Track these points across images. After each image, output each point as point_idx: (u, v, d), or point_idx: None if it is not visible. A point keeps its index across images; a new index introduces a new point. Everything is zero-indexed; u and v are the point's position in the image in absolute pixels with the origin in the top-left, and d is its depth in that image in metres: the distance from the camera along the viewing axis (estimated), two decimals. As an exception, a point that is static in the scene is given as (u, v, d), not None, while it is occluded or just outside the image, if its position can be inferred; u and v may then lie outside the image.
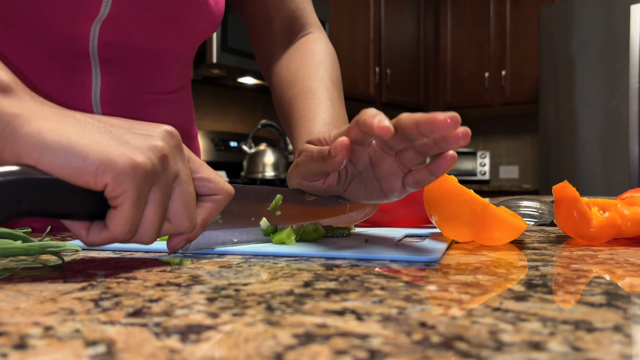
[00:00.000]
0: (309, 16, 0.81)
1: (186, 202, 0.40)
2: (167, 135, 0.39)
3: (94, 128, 0.36)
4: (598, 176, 2.97)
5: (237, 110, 3.24)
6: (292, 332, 0.23)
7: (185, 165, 0.40)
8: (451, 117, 0.40)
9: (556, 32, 3.09)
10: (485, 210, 0.48)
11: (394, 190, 0.50)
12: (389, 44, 3.76)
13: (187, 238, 0.42)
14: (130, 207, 0.36)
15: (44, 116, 0.36)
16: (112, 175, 0.34)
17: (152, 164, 0.36)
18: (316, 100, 0.67)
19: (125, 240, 0.38)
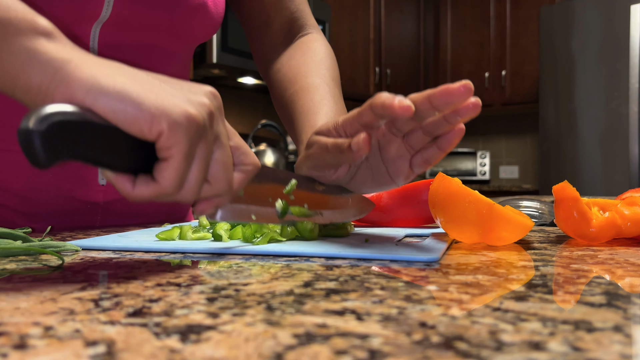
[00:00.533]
0: (307, 17, 0.82)
1: (226, 163, 0.39)
2: (212, 95, 0.39)
3: (147, 79, 0.36)
4: (598, 176, 2.97)
5: (237, 110, 3.25)
6: (292, 332, 0.23)
7: (225, 128, 0.40)
8: (464, 84, 0.40)
9: (556, 32, 3.09)
10: (492, 211, 0.48)
11: (401, 173, 0.50)
12: (389, 44, 3.76)
13: (217, 204, 0.41)
14: (183, 159, 0.35)
15: (95, 63, 0.35)
16: (168, 123, 0.34)
17: (203, 119, 0.36)
18: (318, 96, 0.67)
19: (171, 195, 0.37)
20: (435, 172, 4.17)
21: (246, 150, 0.43)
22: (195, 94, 0.38)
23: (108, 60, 0.37)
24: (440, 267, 0.39)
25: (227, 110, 3.18)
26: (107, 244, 0.50)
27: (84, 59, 0.35)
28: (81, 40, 0.65)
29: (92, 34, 0.65)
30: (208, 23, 0.73)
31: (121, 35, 0.67)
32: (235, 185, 0.42)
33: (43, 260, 0.43)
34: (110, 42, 0.66)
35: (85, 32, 0.64)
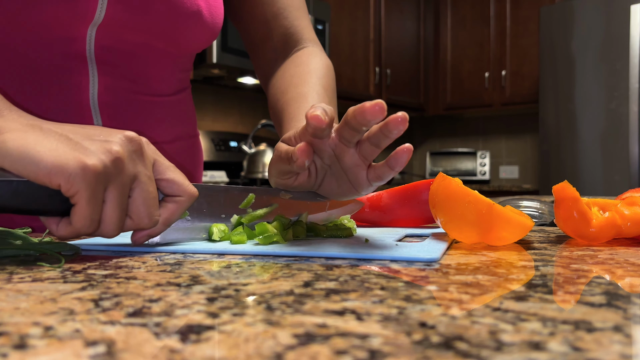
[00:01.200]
0: (304, 32, 0.83)
1: (145, 200, 0.44)
2: (126, 140, 0.44)
3: (54, 136, 0.41)
4: (598, 176, 2.97)
5: (237, 110, 3.25)
6: (292, 332, 0.23)
7: (145, 167, 0.45)
8: (376, 103, 0.44)
9: (556, 32, 3.09)
10: (492, 211, 0.48)
11: (361, 182, 0.52)
12: (389, 44, 3.76)
13: (149, 234, 0.46)
14: (86, 205, 0.41)
15: (13, 128, 0.41)
16: (64, 176, 0.39)
17: (104, 166, 0.41)
18: (305, 104, 0.69)
19: (89, 233, 0.43)
20: (435, 172, 4.17)
21: (179, 183, 0.47)
22: (104, 143, 0.42)
23: (32, 122, 0.43)
24: (440, 267, 0.39)
25: (227, 110, 3.18)
26: (107, 244, 0.50)
27: (8, 126, 0.41)
28: (77, 43, 0.65)
29: (88, 36, 0.65)
30: (203, 31, 0.73)
31: (117, 37, 0.67)
32: (168, 214, 0.47)
33: (43, 260, 0.43)
34: (106, 45, 0.67)
35: (81, 34, 0.65)
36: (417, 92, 4.07)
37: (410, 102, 3.99)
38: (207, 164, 2.85)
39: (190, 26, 0.71)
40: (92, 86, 0.68)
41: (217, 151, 2.93)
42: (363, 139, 0.50)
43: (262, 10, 0.81)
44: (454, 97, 4.04)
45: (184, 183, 0.47)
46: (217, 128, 3.13)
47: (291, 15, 0.82)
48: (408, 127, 4.87)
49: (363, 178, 0.52)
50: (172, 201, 0.47)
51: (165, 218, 0.47)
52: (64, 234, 0.43)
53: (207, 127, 3.07)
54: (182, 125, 0.81)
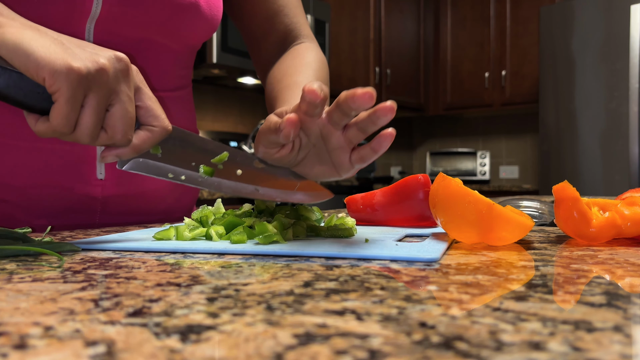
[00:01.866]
0: (302, 28, 0.87)
1: (122, 117, 0.46)
2: (115, 58, 0.46)
3: (49, 38, 0.44)
4: (598, 176, 2.97)
5: (237, 110, 3.25)
6: (292, 332, 0.23)
7: (128, 87, 0.47)
8: (366, 91, 0.47)
9: (556, 32, 3.09)
10: (491, 211, 0.48)
11: (343, 164, 0.55)
12: (389, 44, 3.76)
13: (118, 154, 0.48)
14: (65, 103, 0.43)
15: (13, 25, 0.45)
16: (49, 71, 0.42)
17: (87, 71, 0.43)
18: (298, 90, 0.70)
19: (66, 135, 0.45)
20: (435, 172, 4.17)
21: (156, 114, 0.49)
22: (94, 55, 0.45)
23: (30, 24, 0.46)
24: (440, 267, 0.39)
25: (227, 110, 3.18)
26: (107, 244, 0.50)
27: (8, 23, 0.45)
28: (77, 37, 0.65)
29: (86, 31, 0.66)
30: (202, 23, 0.74)
31: (115, 32, 0.68)
32: (139, 141, 0.49)
33: (43, 260, 0.43)
34: (105, 40, 0.67)
35: (80, 29, 0.66)
36: (417, 92, 4.07)
37: (410, 102, 3.98)
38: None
39: (188, 19, 0.72)
40: None
41: (217, 151, 2.93)
42: (351, 123, 0.52)
43: (264, 8, 0.84)
44: (454, 97, 4.04)
45: (161, 115, 0.50)
46: (217, 128, 3.13)
47: (291, 13, 0.85)
48: (408, 127, 4.85)
49: (346, 160, 0.54)
50: (145, 129, 0.49)
51: (137, 144, 0.49)
52: (41, 129, 0.45)
53: (207, 127, 3.07)
54: (183, 122, 0.81)
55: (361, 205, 0.69)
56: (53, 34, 0.45)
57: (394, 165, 4.53)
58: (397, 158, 4.55)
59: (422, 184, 0.65)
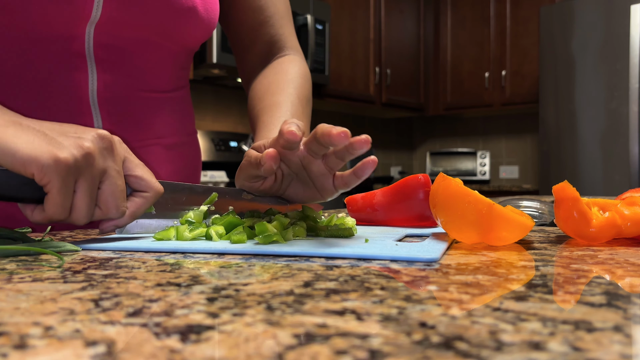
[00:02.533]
0: (287, 40, 0.88)
1: (113, 193, 0.48)
2: (97, 137, 0.48)
3: (31, 132, 0.45)
4: (598, 176, 2.97)
5: (237, 110, 3.24)
6: (292, 332, 0.23)
7: (115, 163, 0.49)
8: (342, 131, 0.49)
9: (556, 32, 3.09)
10: (492, 211, 0.48)
11: (326, 188, 0.58)
12: (389, 44, 3.76)
13: (116, 224, 0.51)
14: (57, 193, 0.45)
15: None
16: (37, 167, 0.43)
17: (75, 159, 0.45)
18: (279, 113, 0.73)
19: (61, 220, 0.47)
20: (435, 172, 4.17)
21: (146, 179, 0.52)
22: (77, 140, 0.46)
23: (12, 118, 0.47)
24: (440, 267, 0.39)
25: (227, 110, 3.18)
26: (107, 244, 0.50)
27: None
28: (77, 41, 0.66)
29: (86, 35, 0.66)
30: (199, 26, 0.75)
31: (115, 35, 0.68)
32: (135, 208, 0.51)
33: (43, 260, 0.43)
34: (105, 42, 0.68)
35: (80, 32, 0.66)
36: (417, 92, 4.07)
37: (410, 102, 3.98)
38: (207, 164, 2.85)
39: (186, 22, 0.73)
40: (92, 83, 0.69)
41: (217, 151, 2.93)
42: (329, 152, 0.55)
43: (250, 17, 0.85)
44: (454, 97, 4.04)
45: (151, 180, 0.52)
46: (217, 128, 3.13)
47: (277, 24, 0.86)
48: (408, 127, 4.85)
49: (329, 185, 0.58)
50: (139, 196, 0.52)
51: (132, 211, 0.51)
52: (38, 219, 0.47)
53: (207, 127, 3.06)
54: (181, 122, 0.82)
55: (361, 205, 0.69)
56: (35, 125, 0.47)
57: (394, 165, 4.53)
58: (397, 158, 4.55)
59: (422, 183, 0.65)
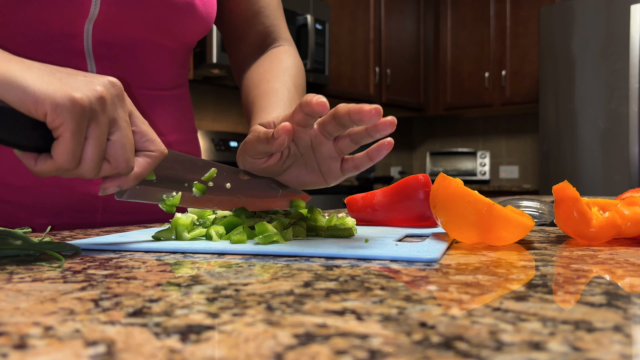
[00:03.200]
0: (281, 31, 0.87)
1: (124, 144, 0.44)
2: (109, 83, 0.44)
3: (40, 70, 0.41)
4: (598, 176, 2.97)
5: (237, 110, 3.24)
6: (292, 332, 0.23)
7: (125, 113, 0.45)
8: (375, 108, 0.46)
9: (556, 32, 3.09)
10: (491, 211, 0.48)
11: (332, 172, 0.56)
12: (389, 44, 3.76)
13: (119, 184, 0.46)
14: (71, 137, 0.40)
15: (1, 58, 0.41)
16: (51, 105, 0.39)
17: (89, 101, 0.41)
18: (276, 98, 0.71)
19: (70, 171, 0.42)
20: (435, 172, 4.17)
21: (152, 138, 0.47)
22: (90, 83, 0.42)
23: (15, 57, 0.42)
24: (440, 267, 0.39)
25: (226, 110, 3.18)
26: (107, 244, 0.50)
27: None
28: (76, 39, 0.66)
29: (85, 32, 0.66)
30: (197, 22, 0.75)
31: (113, 32, 0.68)
32: (140, 168, 0.46)
33: (43, 260, 0.43)
34: (104, 40, 0.68)
35: (78, 30, 0.66)
36: (417, 92, 4.07)
37: (410, 102, 3.98)
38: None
39: (184, 17, 0.73)
40: None
41: (217, 151, 2.93)
42: (344, 134, 0.53)
43: (244, 8, 0.84)
44: (453, 97, 4.04)
45: (157, 139, 0.48)
46: (217, 128, 3.13)
47: (271, 15, 0.86)
48: (408, 127, 4.85)
49: (336, 169, 0.56)
50: (144, 155, 0.47)
51: (137, 172, 0.46)
52: (43, 168, 0.42)
53: (207, 127, 3.06)
54: (180, 120, 0.82)
55: (361, 205, 0.69)
56: (40, 65, 0.42)
57: (394, 165, 4.53)
58: (397, 158, 4.55)
59: (423, 184, 0.65)
